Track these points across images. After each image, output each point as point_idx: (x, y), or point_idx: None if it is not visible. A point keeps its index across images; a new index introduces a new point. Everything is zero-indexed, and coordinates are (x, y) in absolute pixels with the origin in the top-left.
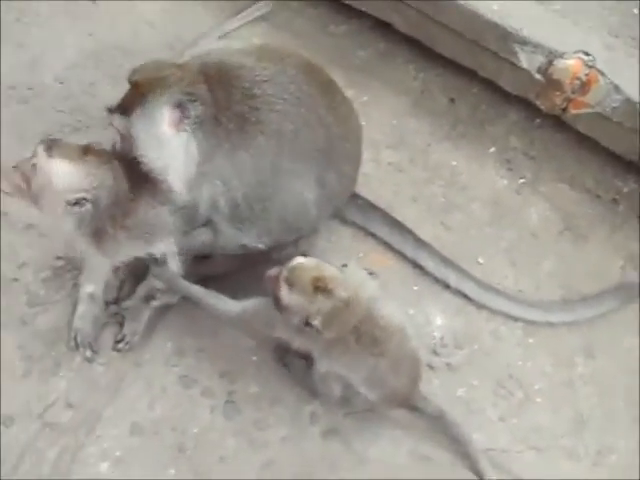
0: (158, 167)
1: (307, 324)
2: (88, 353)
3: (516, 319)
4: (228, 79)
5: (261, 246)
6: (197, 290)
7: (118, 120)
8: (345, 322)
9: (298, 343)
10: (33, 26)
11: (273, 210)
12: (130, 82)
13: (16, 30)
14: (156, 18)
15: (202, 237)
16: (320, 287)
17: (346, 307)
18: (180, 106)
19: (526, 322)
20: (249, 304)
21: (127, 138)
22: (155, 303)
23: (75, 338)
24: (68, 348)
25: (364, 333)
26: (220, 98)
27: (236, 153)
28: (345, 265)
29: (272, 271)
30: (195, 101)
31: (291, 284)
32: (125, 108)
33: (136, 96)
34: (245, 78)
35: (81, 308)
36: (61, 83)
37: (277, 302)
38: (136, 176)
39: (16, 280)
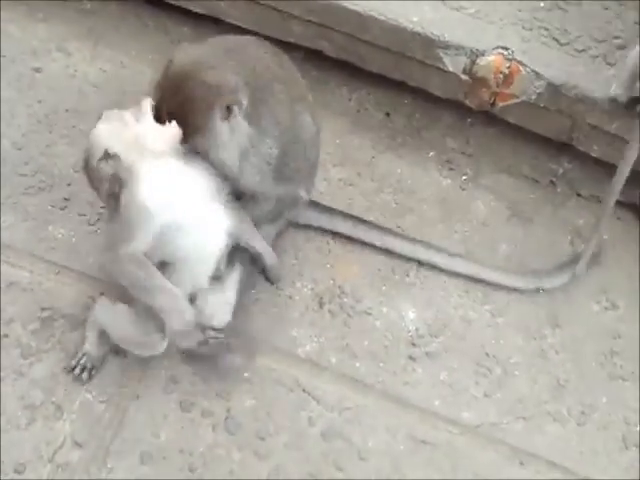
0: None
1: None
2: (85, 375)
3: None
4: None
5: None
6: None
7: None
8: None
9: None
10: None
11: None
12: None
13: None
14: (98, 79)
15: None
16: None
17: None
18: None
19: (499, 287)
20: None
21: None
22: None
23: (80, 360)
24: (67, 371)
25: None
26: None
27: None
28: None
29: None
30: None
31: None
32: (194, 130)
33: (194, 115)
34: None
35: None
36: (19, 149)
37: None
38: None
39: (6, 336)
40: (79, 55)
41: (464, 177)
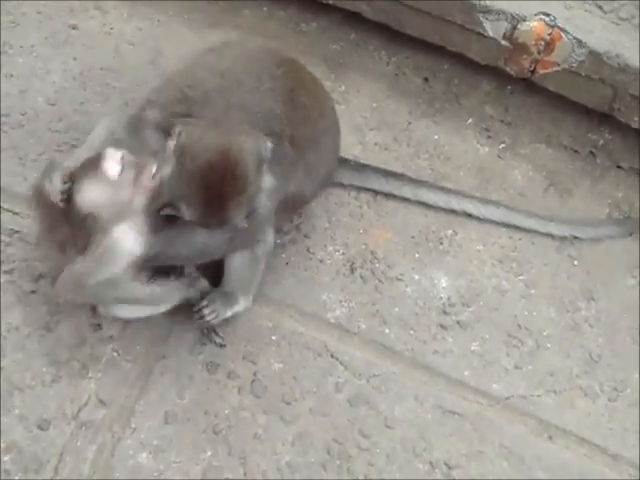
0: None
1: None
2: None
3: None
4: None
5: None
6: None
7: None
8: None
9: None
10: (18, 56)
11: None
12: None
13: (3, 62)
14: (135, 37)
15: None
16: None
17: None
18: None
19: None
20: None
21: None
22: None
23: None
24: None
25: None
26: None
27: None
28: None
29: None
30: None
31: None
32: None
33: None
34: None
35: None
36: (53, 105)
37: None
38: None
39: (34, 292)
40: (116, 13)
41: (502, 145)
